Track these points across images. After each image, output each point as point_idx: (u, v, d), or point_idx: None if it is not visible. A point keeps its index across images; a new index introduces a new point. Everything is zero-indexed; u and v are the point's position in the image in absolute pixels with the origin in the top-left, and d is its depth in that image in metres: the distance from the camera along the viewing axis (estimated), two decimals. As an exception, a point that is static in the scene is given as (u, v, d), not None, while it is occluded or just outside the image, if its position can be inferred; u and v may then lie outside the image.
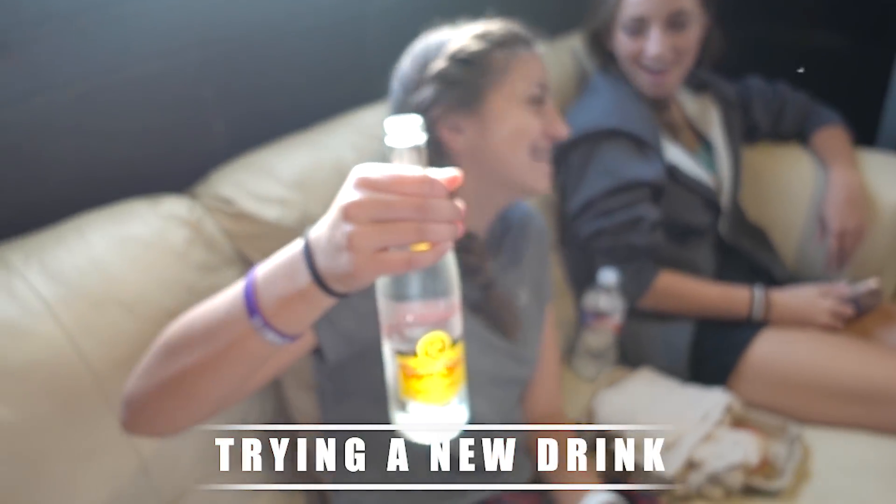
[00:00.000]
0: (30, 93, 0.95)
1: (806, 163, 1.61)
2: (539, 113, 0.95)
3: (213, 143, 1.17)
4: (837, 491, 1.13)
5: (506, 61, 0.93)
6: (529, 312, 1.05)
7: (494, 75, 0.93)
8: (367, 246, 0.53)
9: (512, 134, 0.93)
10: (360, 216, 0.53)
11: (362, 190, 0.53)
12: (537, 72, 0.95)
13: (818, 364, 1.25)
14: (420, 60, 0.95)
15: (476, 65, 0.92)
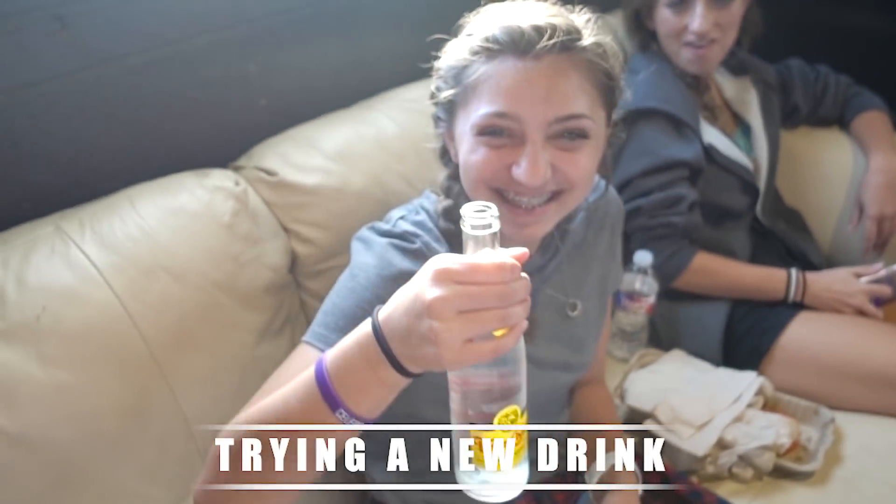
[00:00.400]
0: (82, 66, 0.98)
1: (846, 147, 1.59)
2: (498, 148, 0.76)
3: (256, 119, 1.19)
4: (868, 475, 1.13)
5: (472, 74, 0.77)
6: (587, 311, 0.97)
7: (464, 93, 0.78)
8: (454, 340, 0.54)
9: (462, 163, 0.80)
10: (445, 311, 0.54)
11: (444, 283, 0.55)
12: (501, 95, 0.74)
13: (852, 349, 1.25)
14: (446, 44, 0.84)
15: (454, 77, 0.79)
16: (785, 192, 1.60)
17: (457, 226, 0.78)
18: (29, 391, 0.78)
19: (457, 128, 0.81)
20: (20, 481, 0.77)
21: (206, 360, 0.92)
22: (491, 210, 0.58)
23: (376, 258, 0.81)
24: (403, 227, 0.85)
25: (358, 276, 0.81)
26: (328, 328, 0.78)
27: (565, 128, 0.75)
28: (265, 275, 0.98)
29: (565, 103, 0.74)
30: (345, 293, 0.81)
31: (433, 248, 0.83)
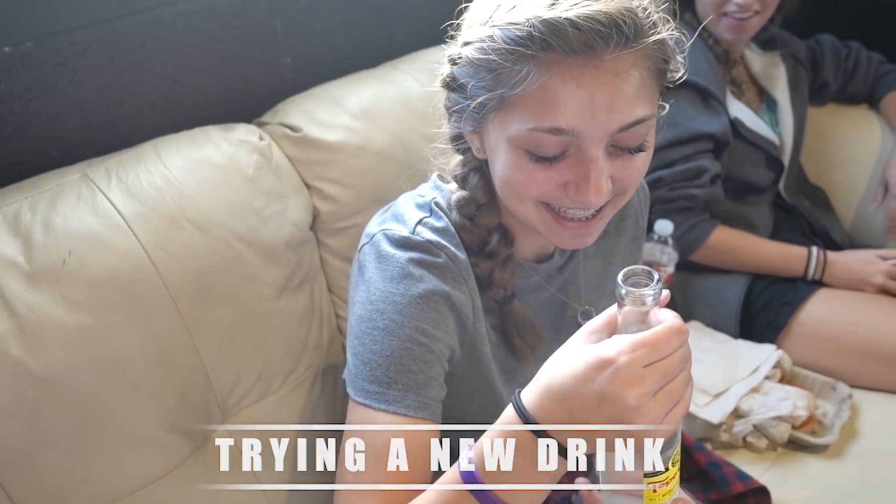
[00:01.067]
0: (113, 15, 0.99)
1: (874, 125, 1.57)
2: (549, 168, 0.66)
3: (280, 77, 1.20)
4: (883, 453, 1.13)
5: (511, 79, 0.63)
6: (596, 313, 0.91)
7: (492, 92, 0.65)
8: (657, 419, 0.54)
9: (500, 176, 0.70)
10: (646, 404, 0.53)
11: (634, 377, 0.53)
12: (556, 108, 0.62)
13: (871, 326, 1.25)
14: (467, 16, 0.73)
15: (480, 72, 0.66)
16: (810, 169, 1.58)
17: (472, 221, 0.77)
18: (54, 334, 0.79)
19: (488, 132, 0.70)
20: (47, 420, 0.78)
21: (226, 311, 0.92)
22: (655, 279, 0.56)
23: (397, 283, 0.73)
24: (426, 237, 0.75)
25: (386, 311, 0.72)
26: (382, 384, 0.71)
27: (627, 137, 0.65)
28: (287, 230, 0.99)
29: (629, 110, 0.63)
30: (380, 335, 0.72)
31: (459, 261, 0.75)
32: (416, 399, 0.71)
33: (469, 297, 0.75)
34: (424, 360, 0.72)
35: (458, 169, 0.80)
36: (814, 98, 1.57)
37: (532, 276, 0.82)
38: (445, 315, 0.73)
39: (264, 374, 0.97)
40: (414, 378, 0.71)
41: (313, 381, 1.04)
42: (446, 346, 0.74)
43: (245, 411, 0.97)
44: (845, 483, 1.09)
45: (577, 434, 0.56)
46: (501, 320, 0.81)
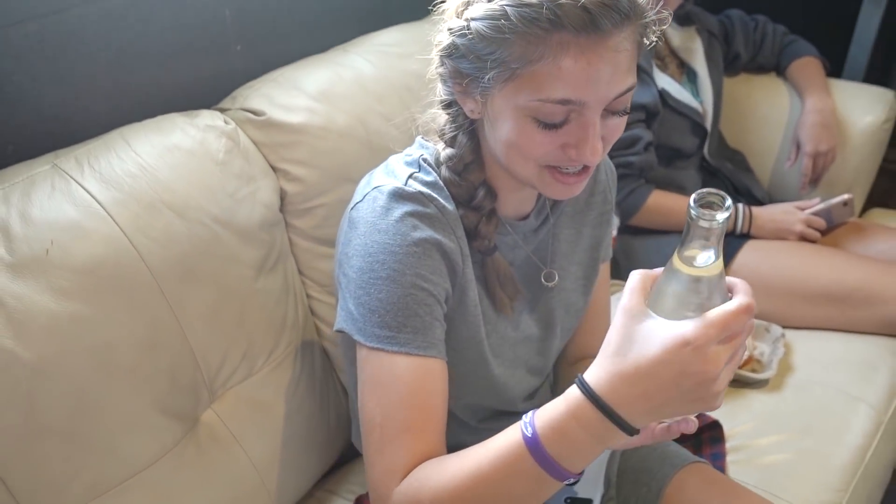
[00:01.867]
0: (66, 5, 0.97)
1: (782, 91, 1.71)
2: (553, 132, 0.72)
3: (230, 64, 1.21)
4: (816, 381, 1.25)
5: (526, 56, 0.68)
6: (568, 282, 0.96)
7: (505, 66, 0.70)
8: (725, 388, 0.62)
9: (505, 141, 0.75)
10: (722, 374, 0.60)
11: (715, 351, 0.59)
12: (565, 82, 0.68)
13: (797, 271, 1.37)
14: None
15: (490, 45, 0.70)
16: (728, 134, 1.71)
17: (460, 177, 0.81)
18: (44, 323, 0.79)
19: (492, 99, 0.74)
20: (42, 410, 0.78)
21: (209, 292, 0.94)
22: (727, 201, 0.59)
23: (393, 235, 0.77)
24: (417, 188, 0.79)
25: (386, 261, 0.76)
26: (392, 328, 0.76)
27: (618, 102, 0.72)
28: (259, 211, 1.01)
29: (623, 80, 0.71)
30: (384, 284, 0.76)
31: (448, 212, 0.80)
32: (425, 339, 0.76)
33: (458, 246, 0.81)
34: (427, 303, 0.77)
35: (448, 129, 0.84)
36: (728, 68, 1.69)
37: (510, 233, 0.88)
38: (438, 262, 0.79)
39: (248, 354, 0.99)
40: (420, 321, 0.76)
41: (294, 358, 1.07)
42: (443, 290, 0.79)
43: (231, 391, 0.99)
44: (786, 410, 1.20)
45: (651, 413, 0.62)
46: (483, 271, 0.86)
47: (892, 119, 1.65)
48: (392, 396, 0.75)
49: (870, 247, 1.49)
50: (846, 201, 1.49)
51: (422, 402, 0.75)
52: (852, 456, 1.14)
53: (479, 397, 0.93)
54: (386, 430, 0.74)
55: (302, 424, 1.07)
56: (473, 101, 0.77)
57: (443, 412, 0.77)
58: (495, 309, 0.88)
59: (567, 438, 0.65)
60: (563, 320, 0.97)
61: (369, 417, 0.76)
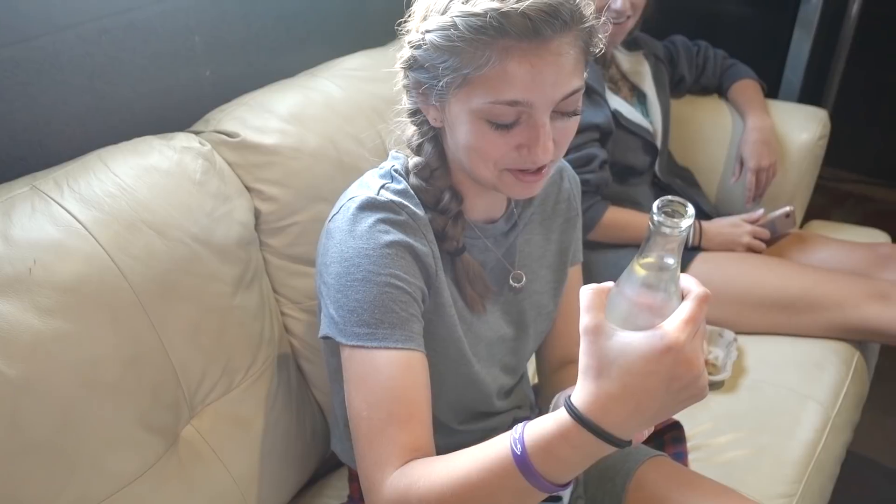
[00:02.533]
0: (39, 32, 0.99)
1: (724, 112, 1.80)
2: (506, 134, 0.77)
3: (200, 89, 1.23)
4: (768, 382, 1.33)
5: (475, 61, 0.73)
6: (537, 285, 1.00)
7: (457, 73, 0.75)
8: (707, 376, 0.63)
9: (464, 144, 0.80)
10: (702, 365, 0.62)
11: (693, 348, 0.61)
12: (513, 84, 0.73)
13: (745, 280, 1.45)
14: (418, 7, 0.82)
15: (444, 54, 0.75)
16: (676, 152, 1.80)
17: (427, 182, 0.87)
18: (29, 341, 0.79)
19: (449, 105, 0.79)
20: (27, 427, 0.78)
21: (189, 309, 0.95)
22: (689, 209, 0.61)
23: (367, 239, 0.81)
24: (388, 198, 0.84)
25: (361, 264, 0.80)
26: (370, 325, 0.79)
27: (567, 103, 0.77)
28: (236, 230, 1.03)
29: (568, 82, 0.75)
30: (360, 285, 0.80)
31: (418, 218, 0.85)
32: (402, 333, 0.80)
33: (429, 249, 0.85)
34: (402, 300, 0.81)
35: (415, 139, 0.90)
36: (674, 90, 1.78)
37: (480, 237, 0.93)
38: (411, 263, 0.83)
39: (227, 369, 1.01)
40: (397, 316, 0.80)
41: (271, 373, 1.09)
42: (418, 289, 0.83)
43: (211, 407, 1.01)
44: (742, 410, 1.27)
45: (647, 423, 0.64)
46: (454, 271, 0.91)
47: (826, 136, 1.76)
48: (375, 390, 0.78)
49: (811, 256, 1.59)
50: (788, 213, 1.59)
51: (403, 393, 0.78)
52: (804, 450, 1.21)
53: (459, 395, 0.96)
54: (373, 422, 0.77)
55: (280, 438, 1.08)
56: (434, 109, 0.82)
57: (426, 403, 0.80)
58: (469, 308, 0.93)
59: (558, 458, 0.66)
60: (535, 322, 1.01)
61: (356, 413, 0.79)
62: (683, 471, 1.00)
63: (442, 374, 0.90)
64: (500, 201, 0.95)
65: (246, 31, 1.28)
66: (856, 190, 2.80)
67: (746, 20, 2.24)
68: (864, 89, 2.53)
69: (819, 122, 1.75)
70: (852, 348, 1.42)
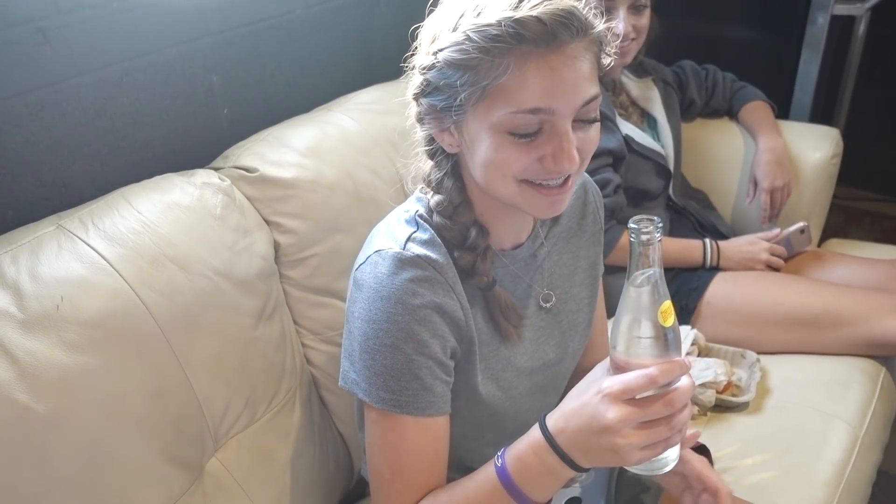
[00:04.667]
0: (63, 76, 1.03)
1: (736, 134, 1.81)
2: (528, 145, 0.76)
3: (219, 127, 1.26)
4: (793, 402, 1.31)
5: (492, 72, 0.73)
6: (571, 302, 1.00)
7: (475, 86, 0.74)
8: (634, 448, 0.70)
9: (484, 161, 0.78)
10: (623, 430, 0.69)
11: (616, 405, 0.69)
12: (533, 91, 0.73)
13: (766, 298, 1.44)
14: (424, 34, 0.82)
15: (459, 70, 0.75)
16: (690, 175, 1.80)
17: (451, 220, 0.86)
18: (57, 376, 0.81)
19: (467, 125, 0.78)
20: (56, 462, 0.79)
21: (212, 342, 0.96)
22: (655, 222, 0.69)
23: (395, 303, 0.81)
24: (415, 252, 0.83)
25: (390, 330, 0.81)
26: (395, 392, 0.82)
27: (588, 111, 0.76)
28: (257, 262, 1.05)
29: (587, 87, 0.75)
30: (389, 352, 0.81)
31: (446, 271, 0.84)
32: (425, 399, 0.83)
33: (458, 303, 0.85)
34: (428, 366, 0.83)
35: (433, 174, 0.88)
36: (684, 114, 1.80)
37: (508, 265, 0.92)
38: (440, 324, 0.83)
39: (250, 401, 1.02)
40: (421, 383, 0.82)
41: (293, 404, 1.09)
42: (445, 349, 0.85)
43: (234, 439, 1.01)
44: (767, 431, 1.25)
45: (583, 452, 0.73)
46: (486, 306, 0.90)
47: (839, 154, 1.76)
48: (399, 455, 0.84)
49: (831, 273, 1.58)
50: (803, 228, 1.59)
51: (427, 460, 0.84)
52: (834, 470, 1.19)
53: (498, 431, 0.96)
54: (393, 485, 0.84)
55: (304, 470, 1.08)
56: (450, 135, 0.82)
57: (444, 462, 0.86)
58: (504, 340, 0.92)
59: (528, 470, 0.76)
60: (572, 341, 1.01)
61: (378, 471, 0.85)
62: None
63: (478, 419, 0.93)
64: (526, 224, 0.93)
65: (261, 70, 1.31)
66: (872, 208, 2.79)
67: (753, 43, 2.26)
68: (875, 107, 2.54)
69: (832, 141, 1.76)
70: (878, 365, 1.40)
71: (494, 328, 0.91)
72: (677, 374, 0.70)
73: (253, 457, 1.02)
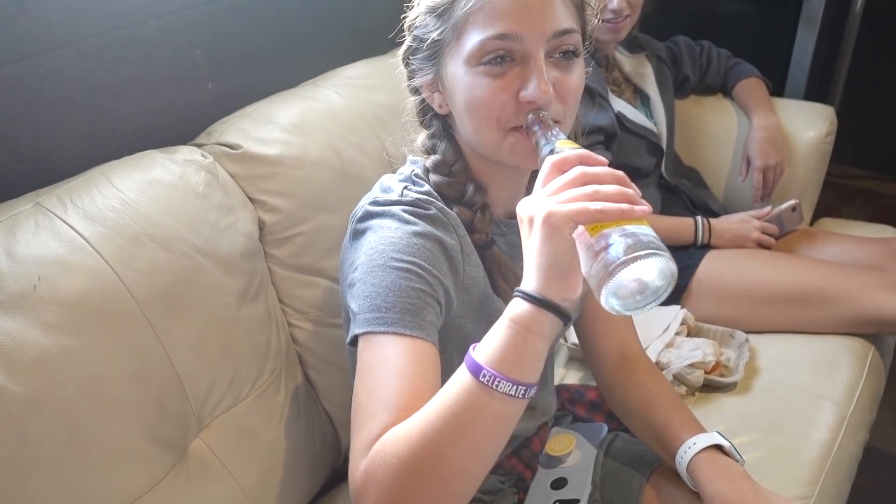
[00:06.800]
0: (41, 49, 1.00)
1: (730, 111, 1.80)
2: (502, 78, 0.77)
3: (202, 102, 1.24)
4: (781, 382, 1.31)
5: (463, 5, 0.76)
6: None
7: (453, 29, 0.78)
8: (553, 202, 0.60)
9: (465, 104, 0.79)
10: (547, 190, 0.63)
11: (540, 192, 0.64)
12: (499, 17, 0.74)
13: (756, 275, 1.44)
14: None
15: (435, 14, 0.79)
16: (682, 153, 1.79)
17: (449, 177, 0.86)
18: (35, 357, 0.79)
19: (447, 70, 0.81)
20: (35, 443, 0.78)
21: (195, 322, 0.95)
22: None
23: (394, 230, 0.79)
24: (413, 196, 0.83)
25: (385, 251, 0.78)
26: (381, 310, 0.75)
27: (561, 43, 0.77)
28: (240, 241, 1.03)
29: (559, 19, 0.76)
30: (380, 271, 0.77)
31: (448, 213, 0.84)
32: (413, 320, 0.75)
33: (458, 244, 0.84)
34: (421, 288, 0.77)
35: (427, 141, 0.90)
36: (678, 91, 1.78)
37: (506, 233, 0.92)
38: (439, 257, 0.81)
39: (234, 381, 1.01)
40: (411, 303, 0.76)
41: (278, 385, 1.08)
42: (439, 283, 0.80)
43: (219, 420, 1.00)
44: (755, 411, 1.25)
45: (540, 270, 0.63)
46: (484, 264, 0.89)
47: (833, 132, 1.75)
48: (379, 377, 0.72)
49: (822, 251, 1.57)
50: (794, 206, 1.58)
51: (409, 382, 0.71)
52: (820, 451, 1.19)
53: None
54: (368, 409, 0.71)
55: (289, 450, 1.08)
56: (439, 95, 0.84)
57: (430, 391, 0.70)
58: (503, 301, 0.90)
59: (500, 343, 0.63)
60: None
61: (356, 402, 0.73)
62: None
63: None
64: (520, 191, 0.92)
65: (246, 43, 1.28)
66: (865, 186, 2.78)
67: (749, 18, 2.23)
68: (870, 85, 2.51)
69: (826, 119, 1.74)
70: (867, 344, 1.40)
71: (493, 289, 0.91)
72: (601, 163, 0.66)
73: (238, 437, 1.01)
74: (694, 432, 0.92)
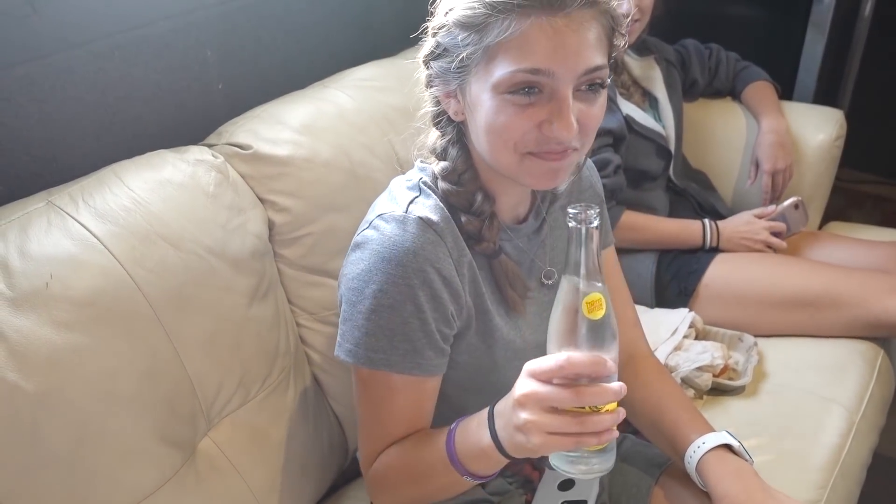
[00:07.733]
0: (53, 49, 1.00)
1: (738, 114, 1.79)
2: (527, 109, 0.76)
3: (213, 102, 1.24)
4: (789, 385, 1.31)
5: (496, 30, 0.74)
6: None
7: (479, 46, 0.76)
8: (536, 429, 0.68)
9: (485, 126, 0.79)
10: (529, 405, 0.69)
11: (532, 381, 0.69)
12: (534, 51, 0.73)
13: (765, 279, 1.43)
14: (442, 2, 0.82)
15: (466, 30, 0.77)
16: (691, 156, 1.78)
17: (457, 185, 0.86)
18: (46, 355, 0.80)
19: (470, 88, 0.79)
20: (46, 441, 0.79)
21: (204, 321, 0.95)
22: (594, 210, 0.70)
23: (395, 265, 0.81)
24: (418, 214, 0.83)
25: (388, 291, 0.81)
26: (386, 352, 0.83)
27: (590, 80, 0.76)
28: (251, 241, 1.03)
29: (591, 56, 0.75)
30: (385, 312, 0.82)
31: (446, 235, 0.84)
32: (413, 360, 0.84)
33: (454, 269, 0.85)
34: (421, 329, 0.83)
35: (438, 144, 0.89)
36: (686, 94, 1.77)
37: (512, 238, 0.92)
38: (440, 289, 0.83)
39: (244, 381, 1.01)
40: (412, 345, 0.83)
41: (287, 384, 1.08)
42: (442, 315, 0.84)
43: (227, 419, 1.00)
44: (763, 415, 1.25)
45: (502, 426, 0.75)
46: (492, 275, 0.90)
47: (842, 136, 1.74)
48: (383, 410, 0.87)
49: (831, 255, 1.57)
50: (797, 203, 1.57)
51: (410, 416, 0.87)
52: (829, 455, 1.19)
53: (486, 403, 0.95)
54: (374, 430, 0.89)
55: (298, 449, 1.08)
56: (456, 101, 0.83)
57: (426, 419, 0.90)
58: (510, 310, 0.92)
59: (466, 439, 0.79)
60: None
61: (363, 418, 0.90)
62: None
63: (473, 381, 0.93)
64: (526, 198, 0.93)
65: (256, 44, 1.29)
66: (874, 191, 2.77)
67: (758, 22, 2.23)
68: (879, 89, 2.51)
69: (835, 123, 1.74)
70: (876, 348, 1.39)
71: (501, 299, 0.91)
72: (592, 367, 0.68)
73: (246, 436, 1.02)
74: (703, 432, 0.92)
